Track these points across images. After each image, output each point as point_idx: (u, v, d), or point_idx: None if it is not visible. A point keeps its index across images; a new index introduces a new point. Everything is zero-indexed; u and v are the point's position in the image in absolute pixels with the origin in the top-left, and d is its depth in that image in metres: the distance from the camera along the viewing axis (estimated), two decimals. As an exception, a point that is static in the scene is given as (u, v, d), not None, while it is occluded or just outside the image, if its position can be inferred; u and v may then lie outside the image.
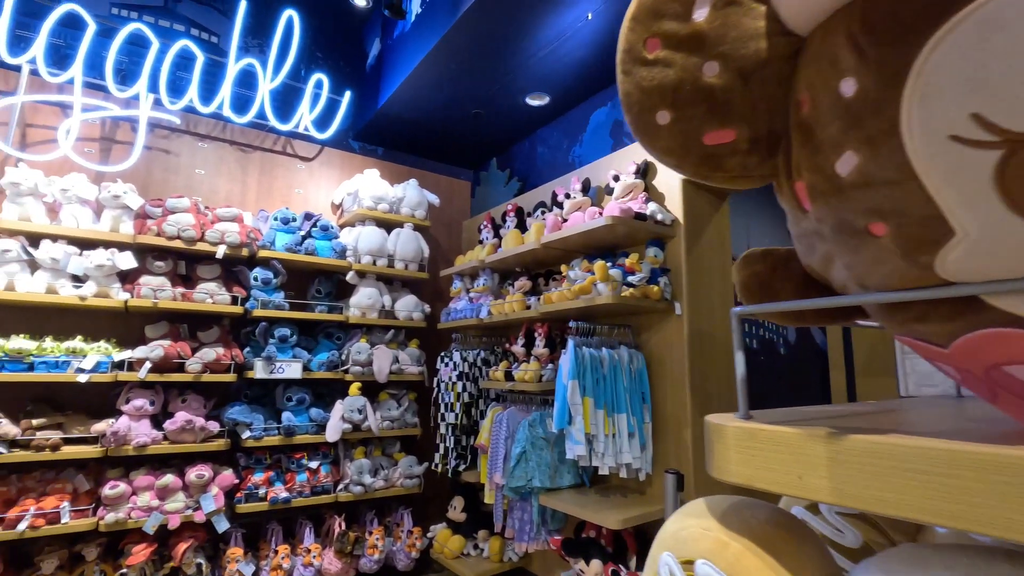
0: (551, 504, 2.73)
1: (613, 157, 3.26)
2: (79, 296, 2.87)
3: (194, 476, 3.01)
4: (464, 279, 3.94)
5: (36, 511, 2.66)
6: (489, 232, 3.89)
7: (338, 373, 3.60)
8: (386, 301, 3.86)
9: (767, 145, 0.45)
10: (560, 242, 3.02)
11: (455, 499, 3.64)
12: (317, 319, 3.62)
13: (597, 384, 2.58)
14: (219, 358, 3.19)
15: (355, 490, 3.45)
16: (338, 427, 3.44)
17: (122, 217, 3.06)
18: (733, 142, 0.45)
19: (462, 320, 3.69)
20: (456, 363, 3.55)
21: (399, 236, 3.94)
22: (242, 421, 3.21)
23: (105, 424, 2.89)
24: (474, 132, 4.40)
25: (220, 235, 3.25)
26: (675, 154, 0.48)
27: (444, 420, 3.59)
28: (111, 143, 3.41)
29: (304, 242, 3.57)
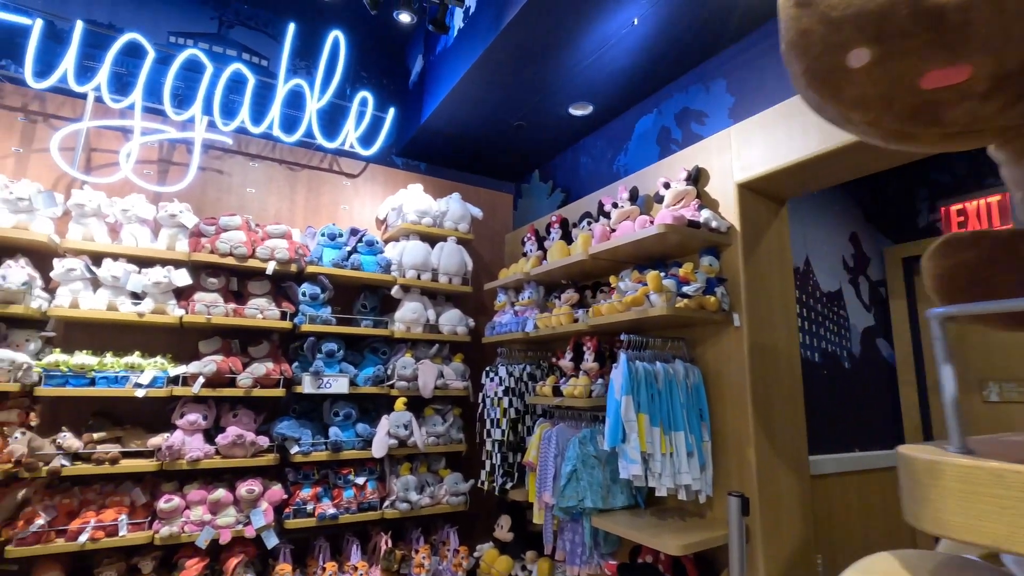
0: (604, 526, 2.61)
1: (660, 165, 3.16)
2: (137, 312, 2.95)
3: (244, 491, 3.03)
4: (508, 292, 3.88)
5: (96, 523, 2.72)
6: (533, 244, 3.83)
7: (383, 388, 3.59)
8: (430, 315, 3.84)
9: (1017, 84, 0.34)
10: (608, 253, 2.93)
11: (502, 518, 3.55)
12: (363, 334, 3.62)
13: (652, 400, 2.46)
14: (269, 373, 3.22)
15: (401, 507, 3.41)
16: (384, 443, 3.41)
17: (178, 235, 3.14)
18: (966, 82, 0.34)
19: (507, 334, 3.63)
20: (502, 378, 3.48)
21: (443, 250, 3.92)
22: (290, 436, 3.22)
23: (160, 438, 2.94)
24: (516, 144, 4.38)
25: (270, 251, 3.30)
26: (872, 106, 0.37)
27: (490, 436, 3.52)
28: (168, 164, 3.53)
29: (350, 257, 3.60)
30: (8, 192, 2.76)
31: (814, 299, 3.65)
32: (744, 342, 2.53)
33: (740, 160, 2.66)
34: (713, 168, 2.80)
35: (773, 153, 2.50)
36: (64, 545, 2.64)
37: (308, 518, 3.20)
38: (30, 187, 2.81)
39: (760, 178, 2.59)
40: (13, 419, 2.76)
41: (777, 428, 2.54)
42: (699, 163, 2.85)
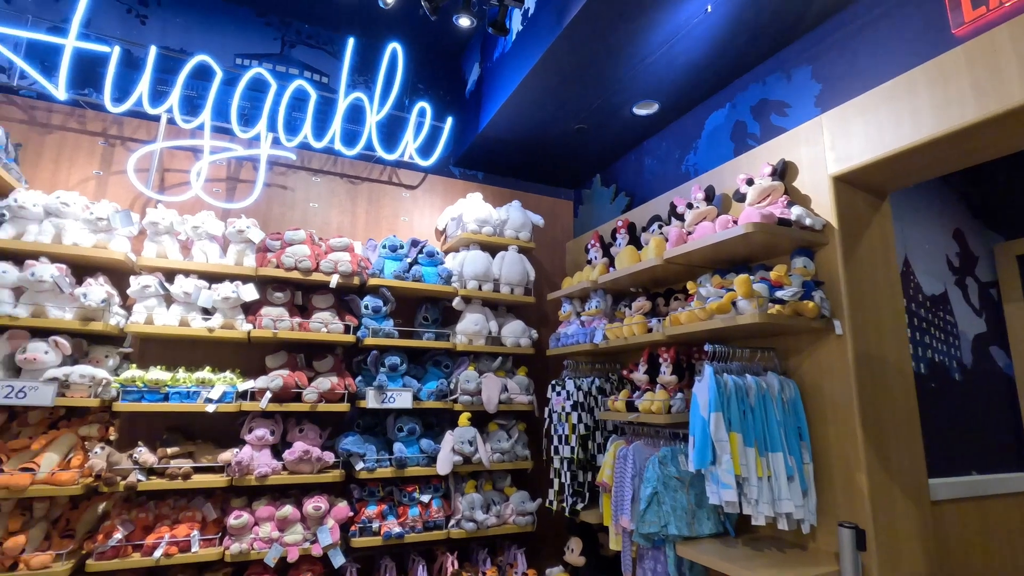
0: (691, 556, 2.38)
1: (737, 162, 2.93)
2: (208, 328, 2.98)
3: (311, 508, 2.98)
4: (573, 302, 3.71)
5: (170, 539, 2.73)
6: (598, 251, 3.66)
7: (447, 403, 3.48)
8: (492, 327, 3.72)
9: None
10: (684, 257, 2.72)
11: (572, 540, 3.35)
12: (425, 347, 3.54)
13: (744, 417, 2.23)
14: (333, 387, 3.18)
15: (467, 527, 3.27)
16: (449, 459, 3.30)
17: (245, 251, 3.17)
18: None
19: (574, 346, 3.45)
20: (569, 392, 3.31)
21: (504, 259, 3.81)
22: (355, 452, 3.16)
23: (230, 453, 2.94)
24: (576, 148, 4.23)
25: (333, 265, 3.28)
26: None
27: (558, 453, 3.35)
28: (236, 182, 3.59)
29: (411, 269, 3.53)
30: (88, 212, 2.85)
31: (916, 303, 3.28)
32: (848, 352, 2.25)
33: (835, 150, 2.40)
34: (802, 161, 2.55)
35: (875, 140, 2.24)
36: (140, 560, 2.66)
37: (374, 536, 3.11)
38: (108, 207, 2.90)
39: (859, 169, 2.33)
40: (94, 434, 2.82)
41: (891, 449, 2.24)
42: (785, 156, 2.61)
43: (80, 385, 2.71)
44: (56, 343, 2.70)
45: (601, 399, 3.30)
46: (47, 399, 2.62)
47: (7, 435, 2.76)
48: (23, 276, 2.66)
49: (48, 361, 2.67)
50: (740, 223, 2.35)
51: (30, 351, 2.64)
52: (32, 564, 2.50)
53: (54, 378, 2.65)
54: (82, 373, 2.71)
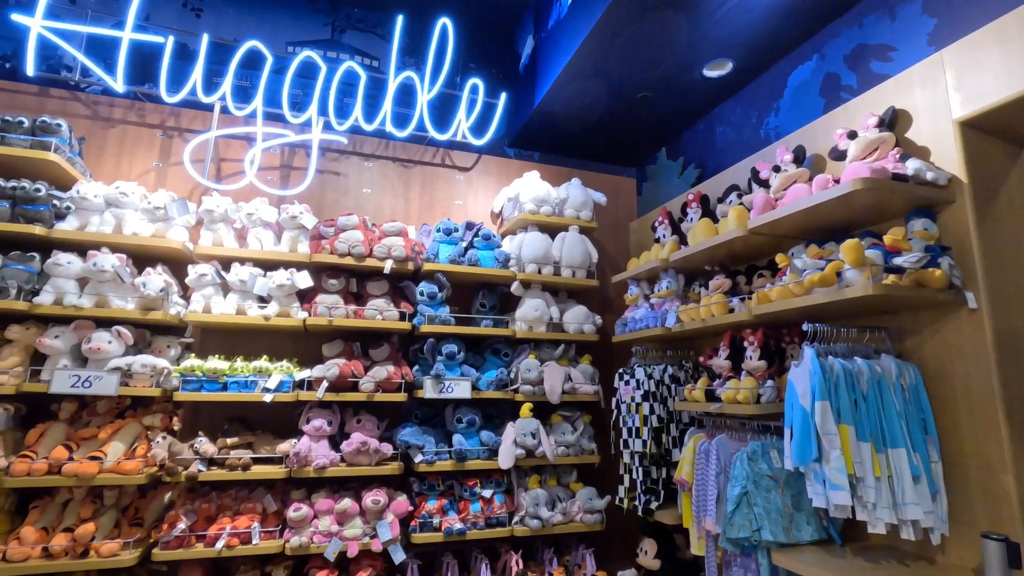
0: (790, 565, 2.07)
1: (831, 118, 2.57)
2: (264, 316, 2.92)
3: (370, 501, 2.87)
4: (641, 284, 3.43)
5: (231, 530, 2.68)
6: (666, 229, 3.36)
7: (507, 393, 3.29)
8: (554, 313, 3.49)
9: None
10: (771, 226, 2.40)
11: (646, 542, 3.09)
12: (483, 334, 3.37)
13: (856, 407, 1.90)
14: (390, 376, 3.05)
15: (532, 524, 3.08)
16: (511, 452, 3.11)
17: (299, 237, 3.09)
18: None
19: (643, 331, 3.18)
20: (640, 381, 3.04)
21: (564, 240, 3.57)
22: (414, 443, 3.03)
23: (288, 444, 2.87)
24: (639, 120, 3.92)
25: (387, 250, 3.16)
26: None
27: (628, 448, 3.09)
28: (289, 170, 3.54)
29: (467, 253, 3.36)
30: (146, 202, 2.85)
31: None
32: (985, 329, 1.88)
33: (961, 91, 2.01)
34: (916, 108, 2.17)
35: (1017, 74, 1.84)
36: (202, 551, 2.63)
37: (434, 532, 2.97)
38: (165, 196, 2.89)
39: (994, 111, 1.93)
40: (157, 424, 2.82)
41: (1044, 446, 1.85)
42: (894, 104, 2.23)
43: (142, 375, 2.70)
44: (119, 333, 2.70)
45: (675, 388, 3.01)
46: (111, 388, 2.63)
47: (78, 424, 2.80)
48: (86, 266, 2.67)
49: (112, 351, 2.68)
50: (844, 181, 2.01)
51: (95, 341, 2.65)
52: (102, 551, 2.50)
53: (117, 368, 2.65)
54: (144, 363, 2.70)
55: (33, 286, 2.65)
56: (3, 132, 2.70)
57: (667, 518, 2.85)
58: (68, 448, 2.60)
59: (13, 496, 2.67)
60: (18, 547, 2.43)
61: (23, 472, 2.46)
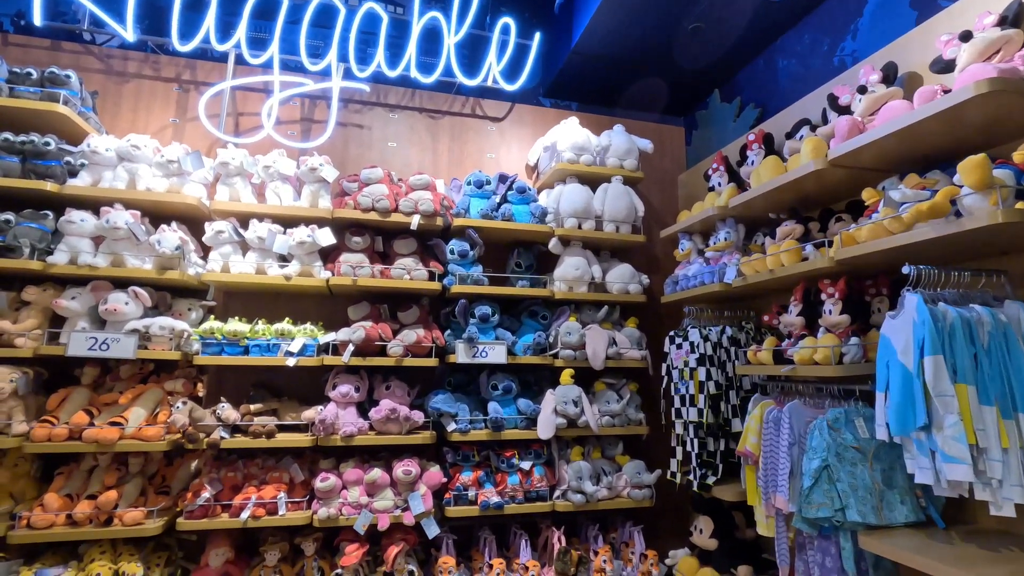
0: (883, 551, 1.76)
1: (926, 29, 2.15)
2: (284, 275, 2.73)
3: (401, 472, 2.69)
4: (694, 238, 3.09)
5: (257, 500, 2.54)
6: (722, 176, 2.99)
7: (546, 358, 3.03)
8: (595, 272, 3.19)
9: None
10: (854, 156, 2.04)
11: (700, 520, 2.81)
12: (519, 295, 3.10)
13: (977, 364, 1.55)
14: (420, 340, 2.84)
15: (575, 499, 2.84)
16: (551, 422, 2.86)
17: (320, 192, 2.88)
18: None
19: (697, 288, 2.85)
20: (694, 343, 2.73)
21: (607, 193, 3.25)
22: (446, 411, 2.82)
23: (314, 411, 2.70)
24: (688, 61, 3.53)
25: (413, 204, 2.91)
26: None
27: (681, 417, 2.80)
28: (310, 123, 3.32)
29: (500, 207, 3.09)
30: (160, 156, 2.68)
31: None
32: None
33: (1120, -35, 1.58)
34: (1050, -3, 1.75)
35: None
36: (227, 521, 2.50)
37: (470, 506, 2.77)
38: (178, 149, 2.71)
39: None
40: (179, 389, 2.69)
41: None
42: None
43: (160, 337, 2.56)
44: (136, 294, 2.57)
45: (736, 351, 2.69)
46: (129, 351, 2.50)
47: (102, 390, 2.71)
48: (99, 224, 2.53)
49: (129, 312, 2.55)
50: (960, 87, 1.63)
51: (111, 302, 2.52)
52: (125, 520, 2.40)
53: (135, 330, 2.52)
54: (162, 325, 2.56)
55: (47, 245, 2.53)
56: (11, 84, 2.56)
57: (726, 494, 2.56)
58: (89, 413, 2.49)
59: (38, 462, 2.59)
60: (42, 514, 2.35)
61: (43, 438, 2.37)
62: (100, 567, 2.38)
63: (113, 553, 2.50)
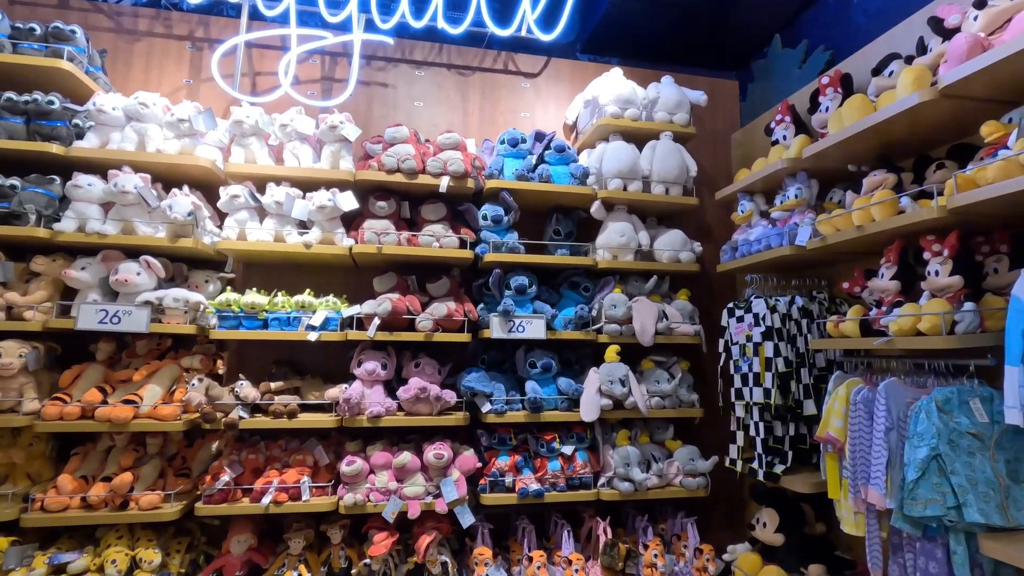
0: (1009, 557, 1.45)
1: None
2: (304, 243, 2.52)
3: (432, 456, 2.47)
4: (755, 198, 2.75)
5: (279, 485, 2.36)
6: (787, 128, 2.65)
7: (589, 333, 2.76)
8: (642, 239, 2.89)
9: None
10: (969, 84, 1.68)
11: (764, 512, 2.52)
12: (558, 264, 2.83)
13: None
14: (451, 313, 2.60)
15: (622, 487, 2.58)
16: (595, 403, 2.60)
17: (341, 152, 2.65)
18: None
19: (762, 253, 2.52)
20: (759, 316, 2.41)
21: (655, 151, 2.92)
22: (481, 391, 2.58)
23: (338, 390, 2.50)
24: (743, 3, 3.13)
25: (442, 164, 2.65)
26: None
27: (743, 398, 2.50)
28: (331, 82, 3.09)
29: (537, 168, 2.80)
30: (170, 115, 2.48)
31: None
32: None
33: None
34: None
35: None
36: (247, 507, 2.33)
37: (507, 493, 2.55)
38: (189, 107, 2.51)
39: None
40: (196, 366, 2.53)
41: None
42: None
43: (174, 310, 2.39)
44: (148, 263, 2.39)
45: (808, 324, 2.37)
46: (142, 324, 2.33)
47: (118, 367, 2.56)
48: (107, 188, 2.35)
49: (141, 283, 2.37)
50: None
51: (122, 272, 2.35)
52: (142, 504, 2.25)
53: (147, 302, 2.35)
54: (176, 296, 2.38)
55: (54, 212, 2.37)
56: (14, 40, 2.39)
57: (797, 485, 2.26)
58: (102, 391, 2.34)
59: (53, 442, 2.47)
60: (55, 496, 2.21)
61: (55, 416, 2.22)
62: (116, 553, 2.24)
63: (130, 538, 2.36)
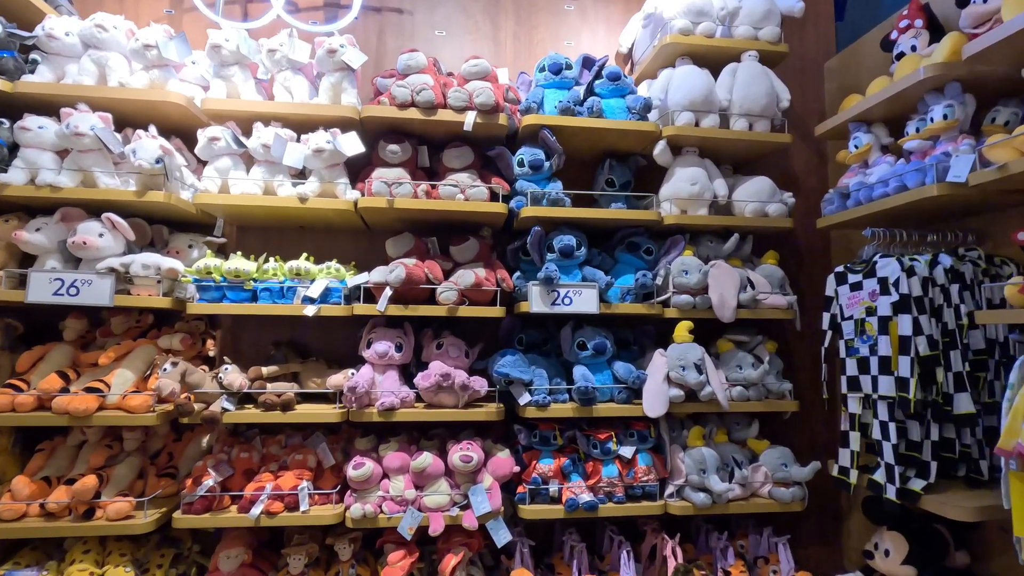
0: None
1: None
2: (299, 195, 2.04)
3: (459, 459, 1.99)
4: (874, 129, 2.11)
5: (272, 491, 1.93)
6: (917, 36, 1.99)
7: (652, 306, 2.20)
8: (719, 188, 2.30)
9: None
10: None
11: (885, 537, 1.94)
12: (614, 220, 2.26)
13: None
14: (480, 282, 2.09)
15: (696, 499, 2.04)
16: (663, 394, 2.06)
17: (343, 84, 2.14)
18: None
19: (891, 199, 1.89)
20: (890, 281, 1.81)
21: (736, 76, 2.31)
22: (518, 377, 2.07)
23: (342, 376, 2.04)
24: None
25: (467, 96, 2.11)
26: None
27: (859, 389, 1.91)
28: (335, 8, 2.59)
29: (586, 100, 2.23)
30: (134, 40, 2.02)
31: None
32: None
33: None
34: None
35: None
36: (235, 517, 1.91)
37: (551, 505, 2.05)
38: (157, 31, 2.04)
39: None
40: (177, 346, 2.11)
41: None
42: None
43: (145, 279, 1.96)
44: (112, 223, 1.96)
45: (958, 292, 1.75)
46: (104, 296, 1.91)
47: (92, 347, 2.17)
48: (60, 130, 1.92)
49: (104, 247, 1.95)
50: None
51: (80, 233, 1.92)
52: (109, 512, 1.86)
53: (111, 269, 1.92)
54: (145, 263, 1.95)
55: (3, 161, 1.96)
56: (-49, -45, 1.97)
57: (951, 509, 1.68)
58: (64, 376, 1.94)
59: (17, 435, 2.10)
60: (10, 503, 1.84)
61: (5, 407, 1.84)
62: (80, 571, 1.86)
63: (101, 551, 1.98)
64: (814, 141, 2.74)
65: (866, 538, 2.08)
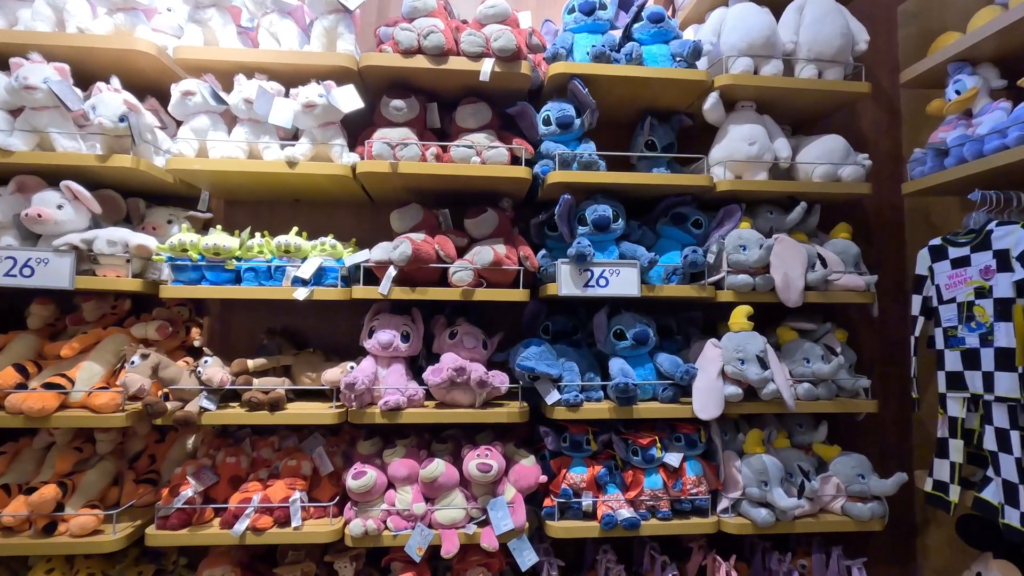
0: None
1: None
2: (287, 159, 1.75)
3: (475, 468, 1.69)
4: (981, 70, 1.74)
5: (261, 504, 1.66)
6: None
7: (703, 288, 1.86)
8: (780, 149, 1.94)
9: None
10: None
11: (992, 566, 1.60)
12: (656, 187, 1.92)
13: None
14: (499, 260, 1.78)
15: (757, 516, 1.72)
16: (717, 391, 1.73)
17: (338, 29, 1.83)
18: None
19: (1012, 152, 1.52)
20: (1016, 256, 1.45)
21: (803, 14, 1.94)
22: (544, 372, 1.75)
23: (339, 370, 1.76)
24: None
25: (484, 40, 1.78)
26: None
27: (962, 388, 1.56)
28: (333, -50, 2.26)
29: (623, 46, 1.89)
30: (94, -23, 1.73)
31: None
32: None
33: None
34: None
35: None
36: (217, 535, 1.64)
37: (584, 521, 1.75)
38: (122, -33, 1.74)
39: None
40: (152, 335, 1.83)
41: None
42: None
43: (111, 258, 1.69)
44: (72, 191, 1.69)
45: (1107, 266, 1.39)
46: (63, 277, 1.64)
47: (63, 336, 1.92)
48: (8, 83, 1.65)
49: (64, 220, 1.68)
50: None
51: (35, 204, 1.66)
52: (73, 527, 1.61)
53: (72, 246, 1.65)
54: (111, 239, 1.68)
55: (-52, 123, 1.69)
56: None
57: (1086, 538, 1.33)
58: (22, 370, 1.69)
59: (-23, 435, 1.87)
60: (-39, 515, 1.60)
61: (-47, 404, 1.60)
62: (39, 595, 1.62)
63: (67, 569, 1.73)
64: (885, 97, 2.37)
65: (948, 558, 1.75)
